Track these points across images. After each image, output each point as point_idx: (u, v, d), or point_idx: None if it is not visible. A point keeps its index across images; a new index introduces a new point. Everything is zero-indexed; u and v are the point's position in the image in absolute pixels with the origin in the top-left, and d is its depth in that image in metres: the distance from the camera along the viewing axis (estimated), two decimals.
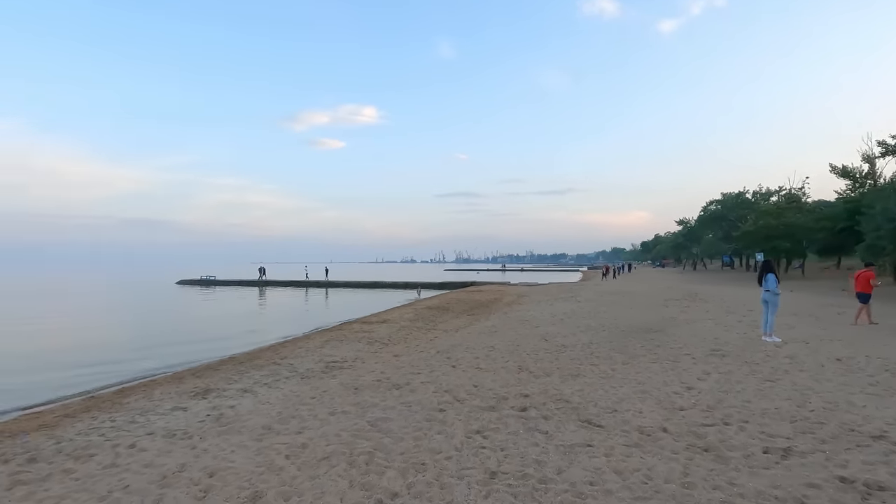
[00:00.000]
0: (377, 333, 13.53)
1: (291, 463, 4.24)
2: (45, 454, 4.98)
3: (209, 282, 49.17)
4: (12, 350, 13.89)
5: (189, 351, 12.95)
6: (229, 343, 14.04)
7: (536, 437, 4.62)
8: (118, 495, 3.76)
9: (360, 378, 7.85)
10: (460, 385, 6.92)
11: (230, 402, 6.82)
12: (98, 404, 7.33)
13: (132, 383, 9.11)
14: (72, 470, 4.46)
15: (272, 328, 17.70)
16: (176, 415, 6.29)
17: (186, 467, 4.29)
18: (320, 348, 11.46)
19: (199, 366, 10.53)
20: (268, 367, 9.38)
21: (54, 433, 5.82)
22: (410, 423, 5.23)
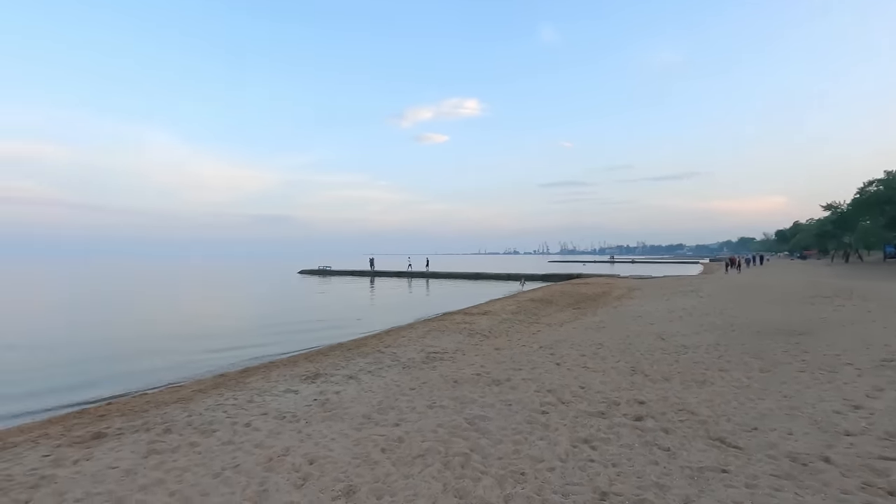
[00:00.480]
0: (478, 325, 13.35)
1: (387, 457, 4.15)
2: (178, 426, 5.51)
3: (326, 272, 53.20)
4: (168, 331, 16.07)
5: (304, 336, 13.93)
6: (339, 330, 14.85)
7: (656, 453, 4.02)
8: (229, 474, 3.95)
9: (460, 371, 7.69)
10: (565, 385, 6.42)
11: (336, 387, 7.06)
12: (225, 382, 8.06)
13: (254, 364, 9.95)
14: (196, 444, 4.84)
15: (377, 317, 18.44)
16: (287, 397, 6.65)
17: (290, 451, 4.42)
18: (422, 338, 11.57)
19: (312, 351, 11.22)
20: (372, 355, 9.65)
21: (188, 406, 6.46)
22: (510, 425, 4.90)
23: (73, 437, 5.37)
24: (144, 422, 5.81)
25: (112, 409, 6.75)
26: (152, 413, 6.23)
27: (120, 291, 32.08)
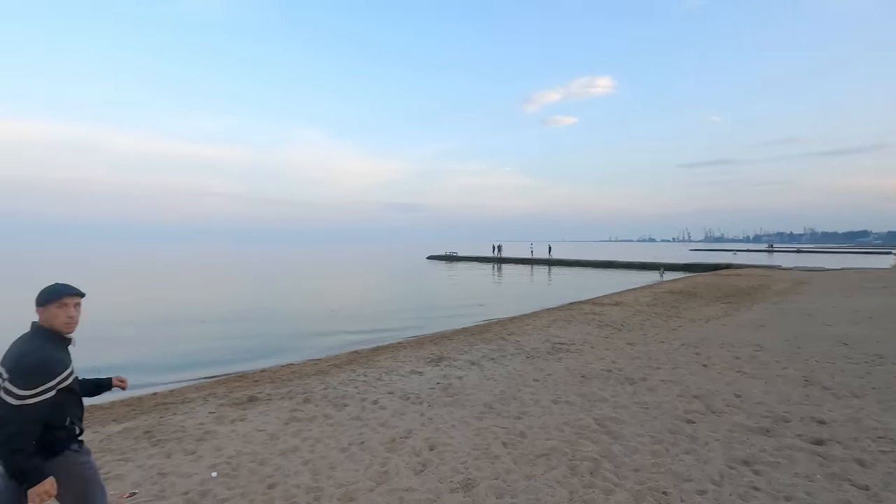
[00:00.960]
0: (609, 316, 12.43)
1: (508, 452, 3.93)
2: (315, 397, 5.94)
3: (452, 257, 54.82)
4: (312, 310, 17.85)
5: (430, 319, 14.37)
6: (463, 314, 15.03)
7: (848, 492, 3.18)
8: (355, 450, 4.08)
9: (589, 365, 7.15)
10: (715, 391, 5.55)
11: (459, 372, 7.04)
12: (358, 359, 8.58)
13: (384, 343, 10.48)
14: (329, 416, 5.15)
15: (500, 303, 18.31)
16: (412, 378, 6.80)
17: (412, 434, 4.43)
18: (547, 328, 11.11)
19: (436, 334, 11.47)
20: (495, 342, 9.50)
21: (325, 380, 6.97)
22: (647, 431, 4.33)
23: (233, 398, 6.11)
24: (289, 390, 6.39)
25: (264, 377, 7.59)
26: (295, 383, 6.85)
27: (279, 275, 36.69)
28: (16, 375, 1.87)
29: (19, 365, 1.88)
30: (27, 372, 1.88)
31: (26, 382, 1.86)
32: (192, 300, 19.31)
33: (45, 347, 1.98)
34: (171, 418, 5.36)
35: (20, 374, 1.87)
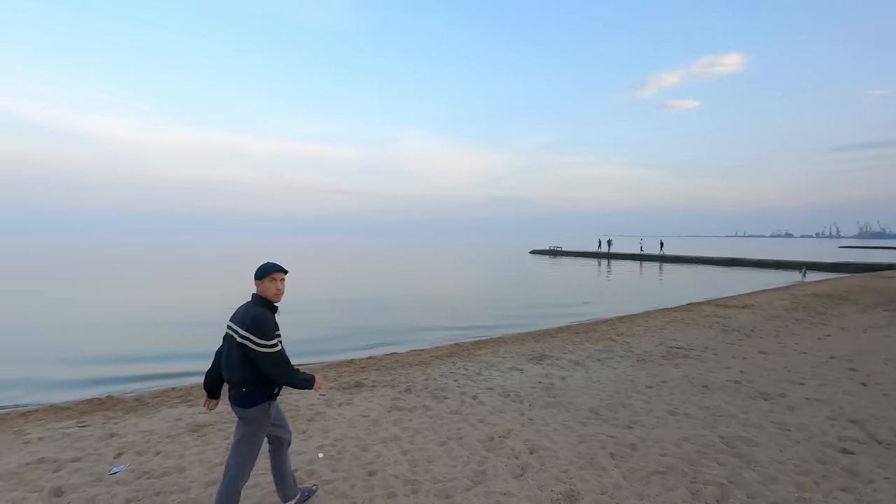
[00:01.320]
0: (736, 320, 11.07)
1: (616, 465, 3.59)
2: (416, 387, 6.03)
3: (556, 252, 53.25)
4: (414, 301, 18.40)
5: (532, 315, 14.01)
6: (566, 311, 14.43)
7: None
8: (453, 445, 4.03)
9: (711, 374, 6.38)
10: (880, 417, 4.59)
11: (562, 372, 6.71)
12: (459, 352, 8.61)
13: (485, 338, 10.41)
14: (429, 408, 5.18)
15: (606, 301, 17.27)
16: (513, 375, 6.62)
17: (511, 434, 4.27)
18: (661, 329, 10.21)
19: (539, 330, 11.12)
20: (602, 342, 8.94)
21: (426, 370, 7.08)
22: (789, 458, 3.69)
23: (341, 382, 6.45)
24: (392, 378, 6.58)
25: (370, 364, 7.93)
26: (398, 372, 7.04)
27: (387, 266, 38.54)
28: (257, 332, 2.41)
29: (255, 323, 2.42)
30: (263, 328, 2.42)
31: (265, 335, 2.41)
32: (312, 289, 21.00)
33: (266, 312, 2.51)
34: (287, 397, 5.79)
35: (259, 330, 2.42)
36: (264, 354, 2.42)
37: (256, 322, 2.42)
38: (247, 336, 2.42)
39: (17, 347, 9.59)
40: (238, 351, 2.46)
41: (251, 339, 2.41)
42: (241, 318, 2.50)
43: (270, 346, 2.42)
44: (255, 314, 2.45)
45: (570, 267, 35.80)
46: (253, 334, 2.41)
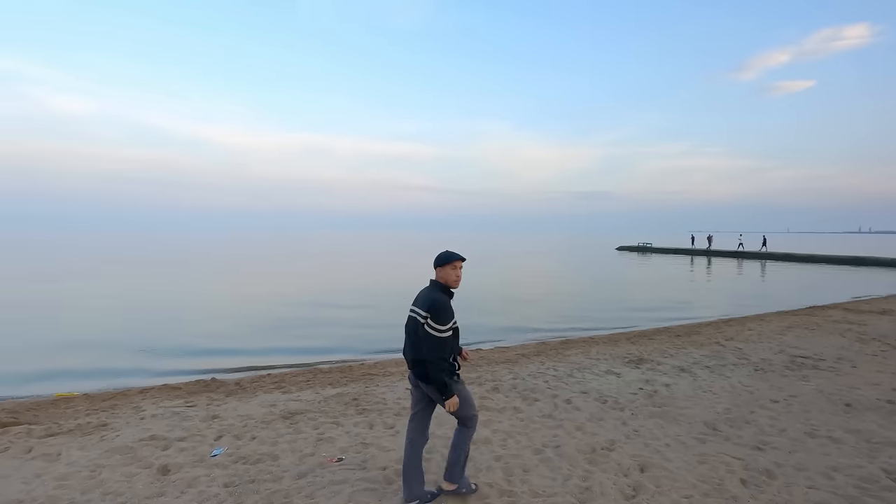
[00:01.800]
0: (875, 328, 9.48)
1: (752, 496, 3.03)
2: (504, 387, 5.73)
3: (645, 249, 50.09)
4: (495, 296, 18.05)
5: (622, 314, 13.10)
6: (660, 312, 13.32)
7: None
8: (550, 454, 3.68)
9: (855, 391, 5.41)
10: None
11: (665, 378, 6.06)
12: (546, 351, 8.16)
13: (573, 336, 9.83)
14: (519, 409, 4.85)
15: (705, 301, 15.74)
16: (609, 379, 6.09)
17: (615, 446, 3.82)
18: (780, 335, 8.99)
19: (633, 331, 10.31)
20: (708, 347, 8.04)
21: (513, 369, 6.75)
22: None
23: None
24: (478, 376, 6.33)
25: None
26: (484, 369, 6.78)
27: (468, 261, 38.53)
28: (434, 315, 2.56)
29: (435, 306, 2.57)
30: (440, 312, 2.57)
31: (440, 320, 2.55)
32: (394, 282, 21.46)
33: (445, 297, 2.67)
34: (374, 389, 5.77)
35: (437, 314, 2.56)
36: (431, 336, 2.57)
37: (436, 306, 2.59)
38: (426, 317, 2.60)
39: (150, 331, 10.66)
40: (423, 331, 2.62)
41: (428, 321, 2.59)
42: (422, 300, 2.69)
43: (439, 331, 2.58)
44: (434, 298, 2.62)
45: (661, 265, 33.39)
46: (431, 317, 2.58)
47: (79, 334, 10.03)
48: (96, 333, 10.10)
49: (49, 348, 8.84)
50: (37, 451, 3.83)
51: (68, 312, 12.54)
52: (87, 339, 9.61)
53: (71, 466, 3.54)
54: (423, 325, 2.61)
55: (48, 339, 9.46)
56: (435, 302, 2.62)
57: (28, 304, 13.66)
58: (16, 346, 9.04)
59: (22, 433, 4.31)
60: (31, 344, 9.13)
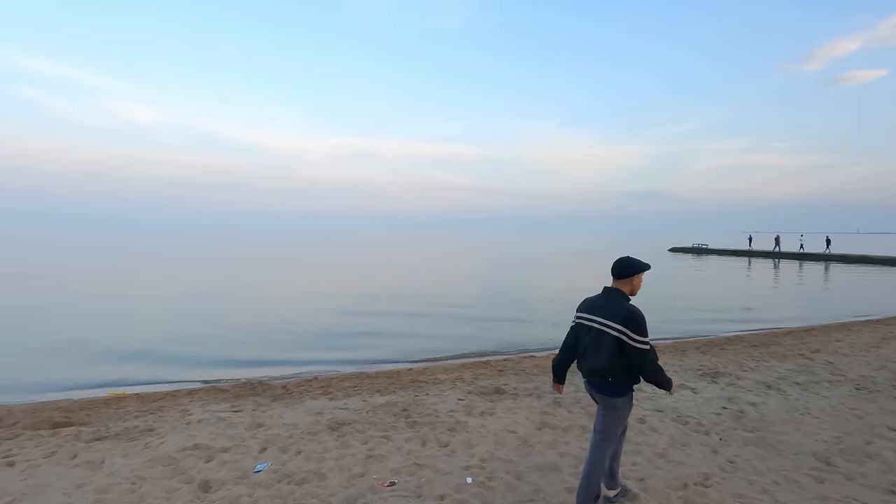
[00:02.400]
0: None
1: None
2: (566, 400, 5.21)
3: (701, 250, 47.52)
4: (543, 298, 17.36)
5: (682, 320, 12.15)
6: (724, 319, 12.27)
7: None
8: (633, 488, 3.15)
9: None
10: None
11: (750, 396, 5.36)
12: None
13: None
14: (588, 429, 4.33)
15: (772, 307, 14.42)
16: (684, 395, 5.45)
17: (712, 482, 3.25)
18: (875, 347, 7.96)
19: (700, 339, 9.48)
20: (793, 360, 7.18)
21: (572, 380, 6.16)
22: None
23: (479, 386, 5.89)
24: (535, 386, 5.84)
25: (507, 366, 7.28)
26: (541, 379, 6.28)
27: (513, 263, 37.79)
28: (635, 327, 2.47)
29: (632, 318, 2.47)
30: (641, 323, 2.49)
31: (642, 331, 2.49)
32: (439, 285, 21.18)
33: (638, 308, 2.55)
34: (424, 398, 5.40)
35: (638, 325, 2.48)
36: (640, 350, 2.46)
37: (634, 318, 2.47)
38: (623, 330, 2.47)
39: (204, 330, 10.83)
40: (610, 343, 2.50)
41: (627, 334, 2.46)
42: (608, 311, 2.56)
43: (645, 343, 2.48)
44: (629, 309, 2.51)
45: (718, 267, 31.41)
46: (630, 329, 2.46)
47: (136, 332, 10.27)
48: (152, 332, 10.32)
49: (109, 345, 9.05)
50: (81, 458, 3.69)
51: (128, 311, 12.98)
52: (144, 337, 9.81)
53: (113, 477, 3.36)
54: (616, 338, 2.49)
55: (110, 336, 9.72)
56: (633, 314, 2.49)
57: (90, 301, 14.28)
58: (77, 341, 9.33)
59: (70, 436, 4.23)
60: (91, 341, 9.40)
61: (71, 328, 10.55)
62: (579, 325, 2.70)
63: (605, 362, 2.52)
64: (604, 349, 2.52)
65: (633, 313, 2.49)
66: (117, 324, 11.11)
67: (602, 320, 2.55)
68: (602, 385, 2.61)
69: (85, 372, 7.47)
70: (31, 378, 7.10)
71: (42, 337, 9.66)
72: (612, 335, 2.50)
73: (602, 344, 2.53)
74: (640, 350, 2.46)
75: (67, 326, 10.73)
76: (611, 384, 2.58)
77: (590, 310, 2.66)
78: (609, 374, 2.55)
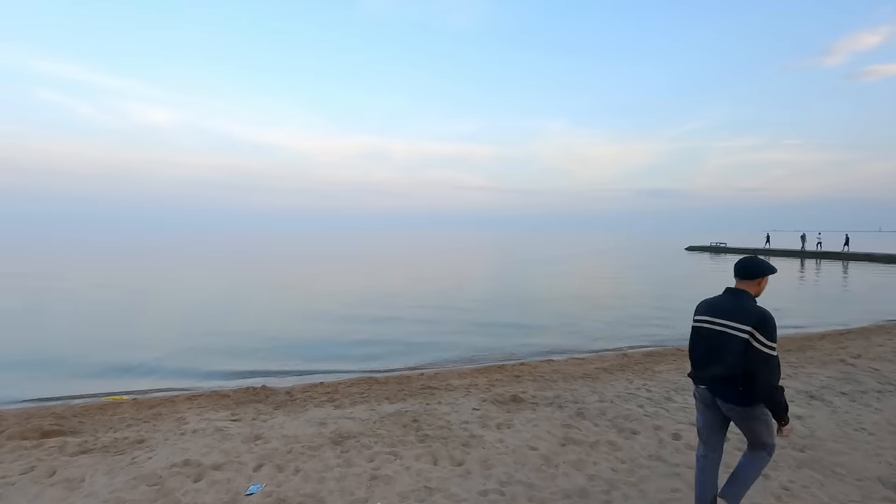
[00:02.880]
0: None
1: None
2: (591, 412, 4.78)
3: (719, 249, 46.40)
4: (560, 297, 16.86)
5: None
6: None
7: None
8: None
9: None
10: None
11: (793, 408, 4.87)
12: (630, 365, 7.08)
13: (658, 349, 8.61)
14: (616, 445, 3.91)
15: (797, 308, 13.72)
16: None
17: None
18: None
19: None
20: (833, 366, 6.65)
21: (595, 387, 5.76)
22: None
23: (495, 394, 5.48)
24: (556, 395, 5.42)
25: (524, 371, 6.86)
26: (561, 386, 5.85)
27: (526, 261, 37.23)
28: (766, 331, 2.28)
29: (764, 322, 2.29)
30: (772, 326, 2.30)
31: (773, 336, 2.29)
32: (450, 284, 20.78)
33: (769, 311, 2.36)
34: (436, 407, 5.01)
35: (768, 329, 2.29)
36: (766, 355, 2.28)
37: (766, 320, 2.31)
38: (752, 332, 2.30)
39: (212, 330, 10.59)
40: (738, 346, 2.33)
41: (756, 336, 2.30)
42: (736, 312, 2.39)
43: (773, 349, 2.30)
44: (762, 311, 2.35)
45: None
46: (760, 332, 2.29)
47: (144, 333, 10.06)
48: (159, 331, 10.10)
49: (115, 345, 8.84)
50: (60, 475, 3.38)
51: (137, 310, 12.82)
52: (151, 337, 9.59)
53: (90, 499, 3.04)
54: (745, 341, 2.30)
55: (117, 336, 9.52)
56: (766, 316, 2.31)
57: (102, 301, 14.17)
58: (82, 342, 9.14)
59: (55, 448, 3.92)
60: (98, 340, 9.20)
61: (78, 328, 10.39)
62: (698, 329, 2.55)
63: (734, 368, 2.32)
64: (731, 354, 2.34)
65: (766, 315, 2.33)
66: (127, 324, 10.93)
67: (728, 322, 2.39)
68: (732, 394, 2.40)
69: (87, 372, 7.26)
70: (31, 378, 6.90)
71: (44, 337, 9.49)
72: (740, 338, 2.32)
73: (728, 348, 2.35)
74: (766, 354, 2.27)
75: (74, 327, 10.58)
76: (743, 393, 2.36)
77: (711, 312, 2.50)
78: (739, 382, 2.35)
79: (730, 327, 2.37)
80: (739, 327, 2.34)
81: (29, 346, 8.79)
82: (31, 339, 9.37)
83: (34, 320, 11.23)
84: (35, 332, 9.92)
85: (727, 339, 2.37)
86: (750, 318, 2.33)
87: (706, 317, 2.51)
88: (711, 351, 2.44)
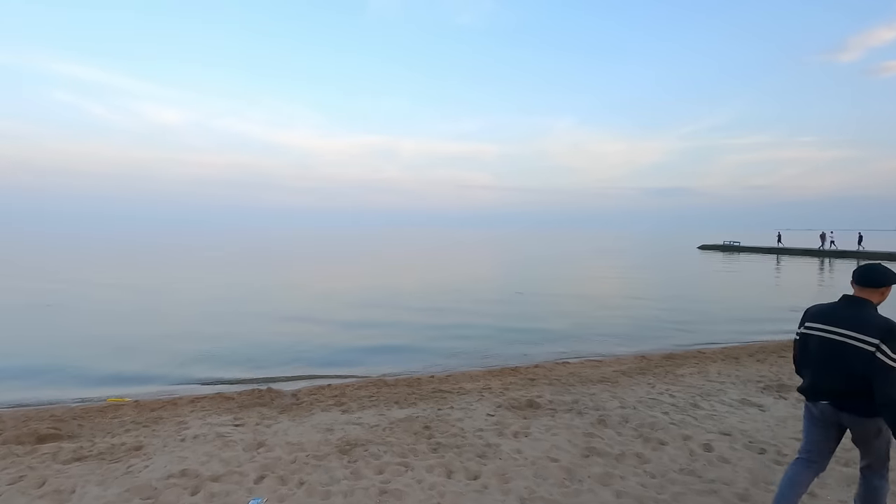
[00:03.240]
0: None
1: None
2: (612, 419, 4.50)
3: (732, 248, 45.68)
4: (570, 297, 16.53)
5: (721, 322, 11.23)
6: (771, 322, 11.25)
7: None
8: None
9: None
10: None
11: None
12: (650, 367, 6.78)
13: (678, 350, 8.28)
14: (643, 458, 3.62)
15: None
16: (750, 413, 4.69)
17: None
18: None
19: (752, 344, 8.60)
20: None
21: (615, 392, 5.48)
22: None
23: (510, 398, 5.22)
24: (574, 399, 5.15)
25: (539, 374, 6.59)
26: (578, 390, 5.57)
27: (533, 259, 36.85)
28: (892, 342, 2.10)
29: (892, 332, 2.11)
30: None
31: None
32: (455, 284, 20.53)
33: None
34: (448, 413, 4.76)
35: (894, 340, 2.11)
36: (889, 367, 2.10)
37: (894, 331, 2.13)
38: (878, 345, 2.13)
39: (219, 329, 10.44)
40: (861, 359, 2.17)
41: (882, 349, 2.13)
42: (857, 322, 2.23)
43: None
44: (889, 322, 2.18)
45: (750, 265, 29.90)
46: (887, 345, 2.12)
47: (152, 333, 9.93)
48: (165, 330, 9.97)
49: (120, 345, 8.70)
50: (50, 485, 3.17)
51: (143, 309, 12.72)
52: (160, 337, 9.45)
53: None
54: (870, 353, 2.14)
55: (129, 337, 9.40)
56: (893, 327, 2.13)
57: (113, 301, 14.10)
58: (90, 342, 9.02)
59: (48, 455, 3.73)
60: (105, 341, 9.08)
61: (87, 329, 10.30)
62: (808, 337, 2.41)
63: (859, 382, 2.17)
64: (852, 366, 2.19)
65: (893, 326, 2.15)
66: (137, 324, 10.81)
67: (849, 333, 2.24)
68: (858, 406, 2.23)
69: (91, 374, 7.10)
70: (32, 380, 6.77)
71: (51, 338, 9.40)
72: (865, 350, 2.15)
73: (849, 361, 2.20)
74: (891, 367, 2.10)
75: (83, 327, 10.48)
76: (868, 404, 2.20)
77: (826, 320, 2.34)
78: (864, 394, 2.20)
79: (851, 338, 2.21)
80: (864, 338, 2.16)
81: (35, 347, 8.68)
82: (37, 340, 9.27)
83: (46, 321, 11.16)
84: (43, 333, 9.83)
85: (848, 351, 2.20)
86: (877, 329, 2.14)
87: (819, 324, 2.35)
88: (827, 362, 2.29)
